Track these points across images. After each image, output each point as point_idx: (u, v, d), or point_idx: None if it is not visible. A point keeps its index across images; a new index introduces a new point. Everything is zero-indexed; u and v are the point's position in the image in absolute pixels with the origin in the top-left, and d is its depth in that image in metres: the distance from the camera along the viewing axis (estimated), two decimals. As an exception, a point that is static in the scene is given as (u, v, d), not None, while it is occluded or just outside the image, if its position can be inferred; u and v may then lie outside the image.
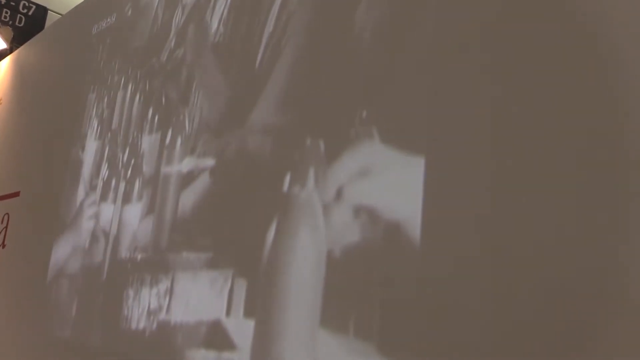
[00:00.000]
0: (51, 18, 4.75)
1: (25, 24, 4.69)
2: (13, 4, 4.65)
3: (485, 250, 1.08)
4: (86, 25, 2.96)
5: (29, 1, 4.73)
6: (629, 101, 0.97)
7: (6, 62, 4.02)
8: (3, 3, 4.53)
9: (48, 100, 3.21)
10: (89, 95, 2.69)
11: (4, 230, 3.12)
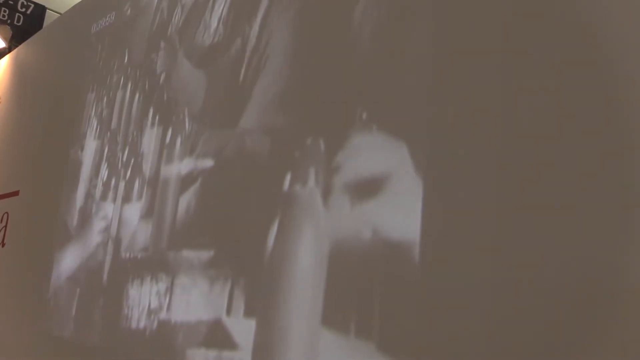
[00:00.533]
0: (49, 17, 4.74)
1: (23, 23, 4.68)
2: (11, 2, 4.64)
3: (486, 250, 1.08)
4: (85, 24, 2.95)
5: (28, 0, 4.72)
6: (631, 101, 0.97)
7: (5, 61, 4.01)
8: (1, 2, 4.52)
9: (47, 99, 3.20)
10: (88, 94, 2.68)
11: (4, 229, 3.12)
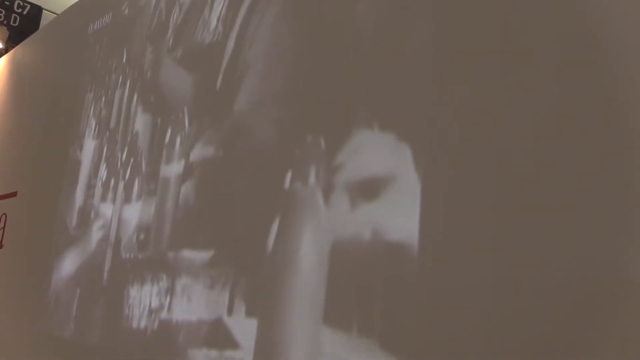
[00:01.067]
0: (46, 17, 4.72)
1: (20, 24, 4.66)
2: (7, 3, 4.62)
3: (486, 249, 1.08)
4: (82, 25, 2.94)
5: (24, 0, 4.70)
6: (631, 101, 0.97)
7: (2, 62, 4.00)
8: (-2, 3, 4.51)
9: (45, 100, 3.19)
10: (86, 94, 2.67)
11: (2, 230, 3.11)
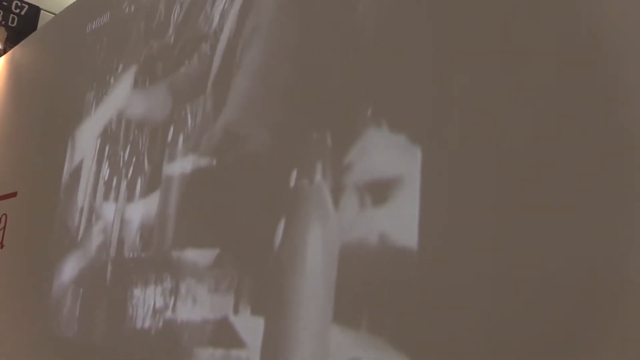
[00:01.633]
0: (44, 17, 4.71)
1: (18, 24, 4.64)
2: (5, 3, 4.60)
3: (488, 249, 1.08)
4: (80, 25, 2.93)
5: (22, 1, 4.68)
6: (631, 101, 0.96)
7: (0, 63, 3.99)
8: (-5, 3, 4.50)
9: (44, 100, 3.18)
10: (86, 93, 2.66)
11: (2, 230, 3.10)
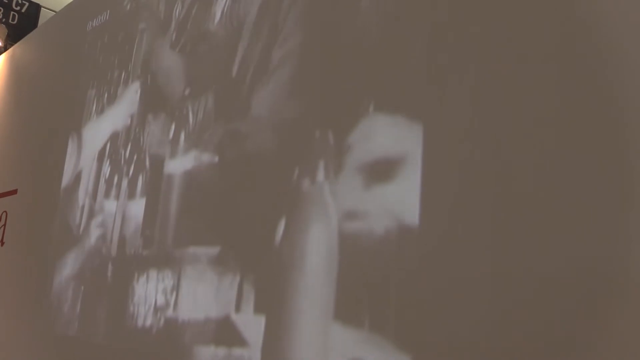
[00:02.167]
0: (44, 15, 4.70)
1: (18, 22, 4.64)
2: (6, 1, 4.60)
3: (487, 250, 1.08)
4: (81, 22, 2.93)
5: (22, -2, 4.69)
6: (631, 101, 0.96)
7: (1, 60, 3.99)
8: (-4, 1, 4.50)
9: (44, 97, 3.17)
10: (88, 91, 2.66)
11: (2, 228, 3.10)
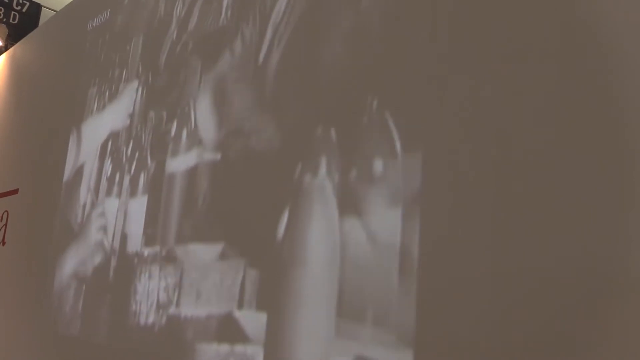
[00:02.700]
0: (45, 15, 4.71)
1: (19, 21, 4.65)
2: (7, 1, 4.61)
3: (487, 249, 1.07)
4: (81, 22, 2.93)
5: (23, -2, 4.69)
6: (631, 101, 0.96)
7: (2, 60, 3.99)
8: (-3, 1, 4.50)
9: (46, 97, 3.17)
10: (89, 90, 2.65)
11: (4, 227, 3.10)
